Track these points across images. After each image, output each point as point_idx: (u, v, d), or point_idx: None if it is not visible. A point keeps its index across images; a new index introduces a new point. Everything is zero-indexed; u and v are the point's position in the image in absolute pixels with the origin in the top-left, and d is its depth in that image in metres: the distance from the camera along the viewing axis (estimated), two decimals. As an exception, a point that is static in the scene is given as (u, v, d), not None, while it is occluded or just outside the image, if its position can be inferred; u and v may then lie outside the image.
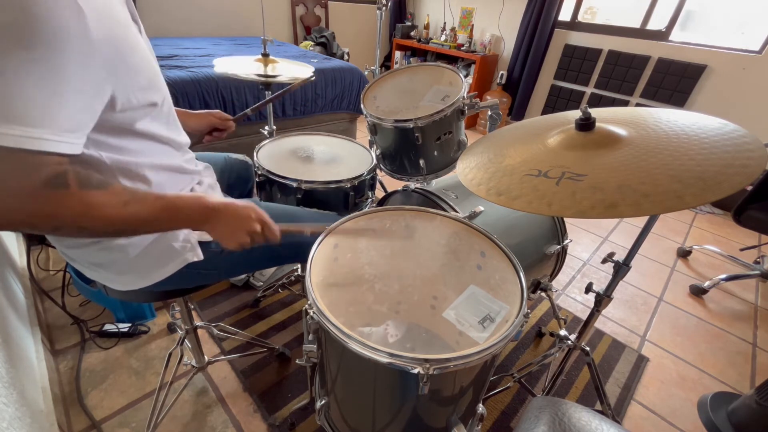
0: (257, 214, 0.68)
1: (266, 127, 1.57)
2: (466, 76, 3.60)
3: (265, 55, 1.48)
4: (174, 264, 0.73)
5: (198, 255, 0.75)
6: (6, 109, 0.44)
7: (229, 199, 0.67)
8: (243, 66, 1.43)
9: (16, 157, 0.45)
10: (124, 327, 1.31)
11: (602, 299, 0.99)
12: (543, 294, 1.27)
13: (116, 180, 0.62)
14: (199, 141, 0.98)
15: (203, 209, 0.63)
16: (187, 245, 0.73)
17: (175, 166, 0.73)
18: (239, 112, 1.14)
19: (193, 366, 1.15)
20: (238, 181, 1.09)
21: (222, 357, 1.27)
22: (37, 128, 0.45)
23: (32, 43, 0.44)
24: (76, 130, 0.50)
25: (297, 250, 0.88)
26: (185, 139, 0.78)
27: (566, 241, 1.20)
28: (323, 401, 0.76)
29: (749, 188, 1.56)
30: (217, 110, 1.03)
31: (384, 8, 1.94)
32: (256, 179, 1.12)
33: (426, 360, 0.53)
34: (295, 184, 1.04)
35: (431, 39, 3.93)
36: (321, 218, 0.95)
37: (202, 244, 0.76)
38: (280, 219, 0.88)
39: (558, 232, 1.20)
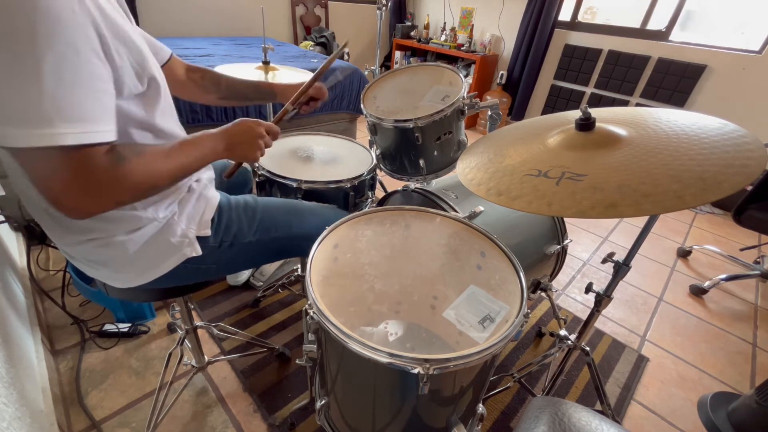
0: (254, 121, 0.76)
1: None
2: (466, 76, 3.60)
3: (266, 62, 1.48)
4: (173, 259, 0.73)
5: (196, 250, 0.75)
6: (58, 109, 0.46)
7: (228, 124, 0.74)
8: (244, 74, 1.43)
9: (81, 154, 0.49)
10: (124, 327, 1.31)
11: (602, 299, 0.99)
12: (543, 294, 1.27)
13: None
14: (297, 113, 1.02)
15: (220, 138, 0.70)
16: (185, 240, 0.73)
17: None
18: (240, 114, 1.14)
19: (193, 366, 1.15)
20: (236, 183, 1.09)
21: (222, 357, 1.27)
22: (88, 123, 0.49)
23: (53, 40, 0.45)
24: (112, 119, 0.54)
25: (296, 243, 0.88)
26: (184, 135, 0.78)
27: (566, 241, 1.20)
28: (323, 401, 0.76)
29: (749, 188, 1.56)
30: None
31: (384, 8, 1.94)
32: (256, 179, 1.12)
33: (426, 360, 0.53)
34: (295, 184, 1.04)
35: (431, 39, 3.93)
36: (324, 210, 0.95)
37: (200, 239, 0.76)
38: (282, 213, 0.89)
39: (558, 232, 1.20)
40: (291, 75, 1.49)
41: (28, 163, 0.49)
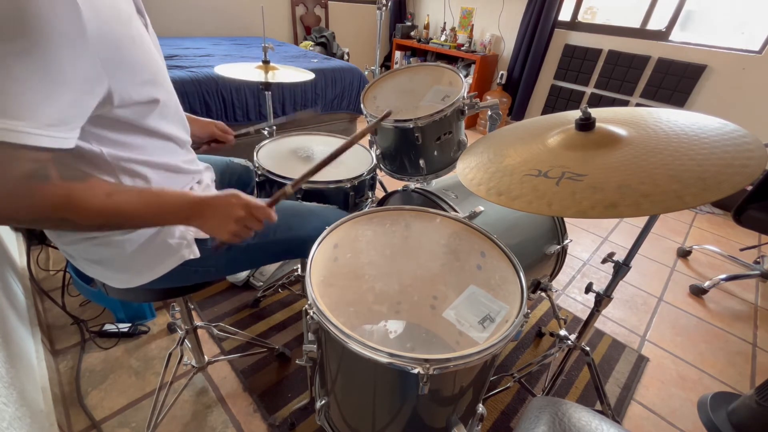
0: (239, 199, 0.65)
1: (266, 129, 1.57)
2: (466, 76, 3.60)
3: (266, 62, 1.48)
4: (171, 261, 0.73)
5: (194, 252, 0.75)
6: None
7: (214, 192, 0.66)
8: (244, 73, 1.43)
9: (5, 151, 0.45)
10: (124, 327, 1.31)
11: (602, 299, 0.99)
12: (543, 294, 1.27)
13: (116, 176, 0.62)
14: (195, 149, 0.98)
15: (188, 204, 0.62)
16: (183, 242, 0.73)
17: (175, 165, 0.72)
18: (239, 113, 1.14)
19: (193, 366, 1.15)
20: (238, 184, 1.09)
21: (222, 357, 1.27)
22: (19, 121, 0.45)
23: (17, 35, 0.43)
24: (61, 124, 0.49)
25: (295, 246, 0.88)
26: (188, 138, 0.78)
27: (566, 241, 1.20)
28: (323, 401, 0.76)
29: (749, 188, 1.56)
30: (220, 122, 1.02)
31: (384, 8, 1.94)
32: (257, 179, 1.12)
33: (426, 360, 0.53)
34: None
35: (431, 39, 3.93)
36: (324, 211, 0.95)
37: (198, 241, 0.76)
38: (282, 215, 0.88)
39: (558, 232, 1.20)
40: (291, 74, 1.49)
41: None
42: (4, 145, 0.45)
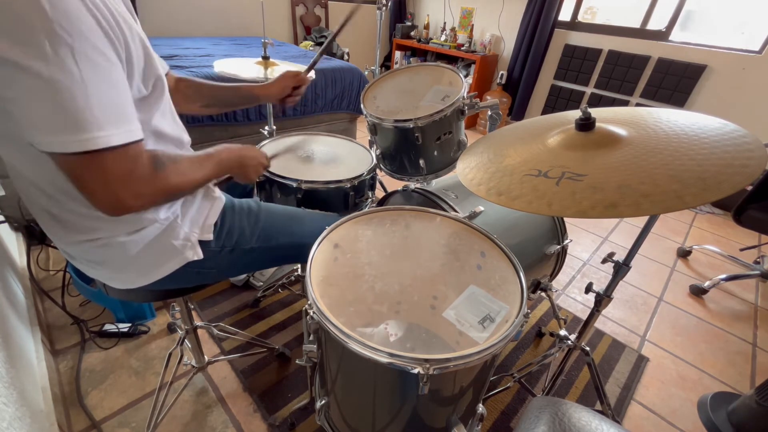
0: (258, 151, 0.85)
1: (266, 127, 1.57)
2: (466, 76, 3.60)
3: (266, 57, 1.47)
4: (174, 262, 0.73)
5: (198, 254, 0.75)
6: (106, 113, 0.49)
7: (235, 145, 0.79)
8: (244, 69, 1.43)
9: (126, 151, 0.52)
10: (124, 327, 1.31)
11: (602, 299, 0.99)
12: (543, 294, 1.27)
13: None
14: (283, 103, 1.08)
15: (234, 156, 0.77)
16: (187, 243, 0.73)
17: None
18: (239, 113, 1.14)
19: (193, 366, 1.15)
20: (238, 185, 1.09)
21: (222, 357, 1.27)
22: (131, 122, 0.53)
23: (98, 46, 0.48)
24: (136, 116, 0.55)
25: (296, 250, 0.88)
26: (187, 138, 0.78)
27: (566, 241, 1.20)
28: (323, 401, 0.76)
29: (749, 188, 1.56)
30: (286, 70, 1.09)
31: (384, 8, 1.94)
32: (256, 179, 1.12)
33: (426, 360, 0.53)
34: (295, 184, 1.04)
35: (431, 39, 3.93)
36: (322, 219, 0.95)
37: (201, 243, 0.76)
38: (281, 220, 0.89)
39: (558, 232, 1.20)
40: (290, 69, 1.49)
41: (75, 166, 0.50)
42: (130, 145, 0.52)
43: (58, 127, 0.46)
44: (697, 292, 1.81)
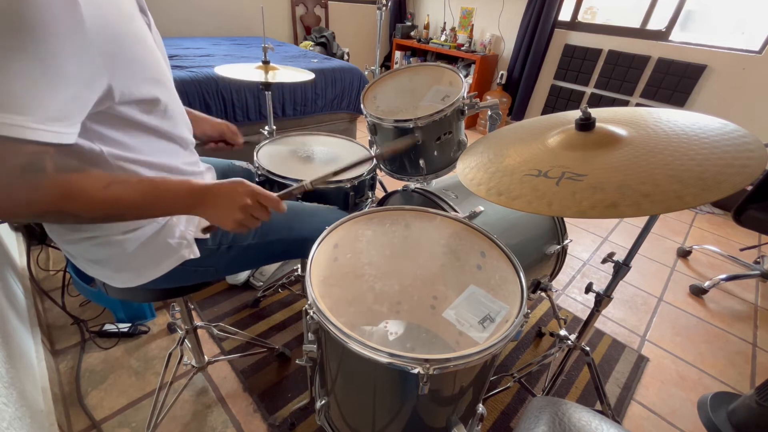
0: (244, 186, 0.64)
1: (266, 127, 1.57)
2: (466, 76, 3.60)
3: (266, 62, 1.47)
4: (170, 261, 0.73)
5: (194, 252, 0.75)
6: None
7: (221, 181, 0.65)
8: (244, 73, 1.42)
9: (5, 145, 0.45)
10: (124, 327, 1.31)
11: (602, 299, 0.99)
12: (543, 294, 1.27)
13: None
14: (202, 145, 0.98)
15: (189, 192, 0.61)
16: (183, 242, 0.73)
17: (175, 166, 0.72)
18: (239, 114, 1.14)
19: (193, 366, 1.15)
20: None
21: (222, 357, 1.27)
22: (18, 115, 0.45)
23: (16, 29, 0.43)
24: (62, 119, 0.49)
25: (295, 247, 0.88)
26: (191, 139, 0.78)
27: (566, 241, 1.20)
28: (323, 401, 0.76)
29: (749, 188, 1.56)
30: (233, 125, 1.01)
31: (384, 8, 1.94)
32: (257, 179, 1.12)
33: (426, 360, 0.53)
34: (295, 184, 1.04)
35: (431, 39, 3.93)
36: (324, 212, 0.95)
37: (198, 241, 0.76)
38: (280, 216, 0.88)
39: (558, 232, 1.20)
40: (291, 74, 1.49)
41: None
42: (3, 139, 0.45)
43: None
44: (697, 292, 1.81)
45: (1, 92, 0.44)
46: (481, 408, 0.73)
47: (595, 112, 0.78)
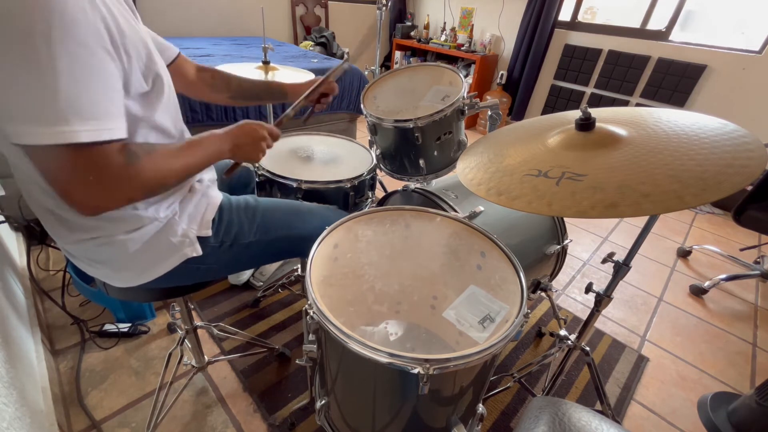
0: (256, 123, 0.78)
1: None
2: (466, 76, 3.60)
3: (266, 62, 1.47)
4: (173, 259, 0.73)
5: (197, 250, 0.75)
6: (76, 108, 0.47)
7: (232, 126, 0.75)
8: (244, 73, 1.42)
9: (100, 151, 0.51)
10: (124, 327, 1.31)
11: (602, 299, 0.99)
12: (543, 294, 1.27)
13: None
14: (311, 112, 1.07)
15: (221, 139, 0.72)
16: (185, 240, 0.73)
17: None
18: (239, 113, 1.15)
19: (193, 366, 1.15)
20: (239, 183, 1.09)
21: (222, 357, 1.27)
22: (100, 121, 0.50)
23: (65, 37, 0.45)
24: (120, 116, 0.54)
25: (296, 244, 0.88)
26: (189, 135, 0.78)
27: (566, 241, 1.20)
28: (323, 401, 0.76)
29: (749, 188, 1.56)
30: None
31: (384, 8, 1.94)
32: (257, 179, 1.12)
33: (426, 360, 0.53)
34: (295, 184, 1.04)
35: (431, 39, 3.93)
36: (324, 211, 0.95)
37: (200, 239, 0.76)
38: (283, 214, 0.89)
39: (558, 232, 1.20)
40: (291, 75, 1.49)
41: (43, 160, 0.50)
42: (99, 144, 0.50)
43: (26, 116, 0.46)
44: (697, 292, 1.81)
45: (82, 102, 0.48)
46: (481, 408, 0.73)
47: (595, 112, 0.78)
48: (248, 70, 1.46)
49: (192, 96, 0.95)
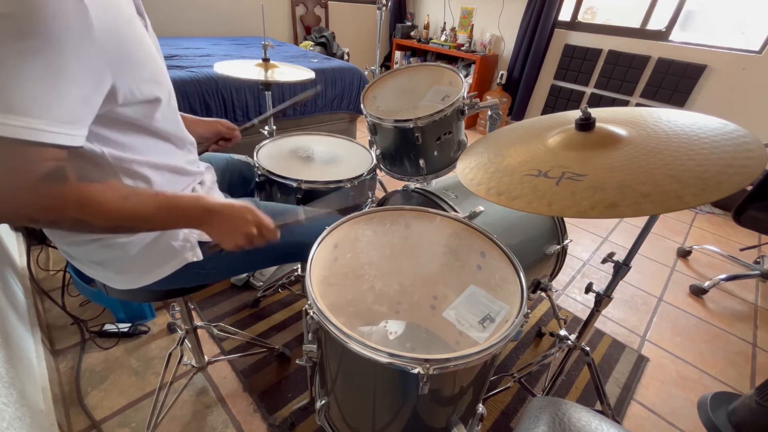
0: (253, 215, 0.67)
1: (266, 127, 1.57)
2: (466, 76, 3.60)
3: (266, 60, 1.47)
4: (173, 263, 0.73)
5: (197, 255, 0.75)
6: (3, 100, 0.44)
7: (228, 200, 0.67)
8: (243, 70, 1.43)
9: (15, 149, 0.45)
10: (124, 327, 1.31)
11: (602, 299, 0.99)
12: (543, 294, 1.27)
13: (117, 178, 0.62)
14: (204, 150, 1.00)
15: (201, 210, 0.63)
16: (186, 245, 0.73)
17: (177, 166, 0.72)
18: (239, 113, 1.14)
19: (193, 366, 1.15)
20: (239, 181, 1.09)
21: (222, 357, 1.27)
22: (35, 119, 0.45)
23: (29, 33, 0.43)
24: (74, 122, 0.49)
25: (297, 249, 0.88)
26: (190, 138, 0.78)
27: (566, 241, 1.20)
28: (323, 401, 0.76)
29: (749, 188, 1.56)
30: (225, 119, 1.02)
31: (384, 8, 1.95)
32: (257, 179, 1.12)
33: (426, 360, 0.53)
34: (295, 184, 1.05)
35: (431, 39, 3.93)
36: (322, 217, 0.95)
37: (201, 243, 0.76)
38: (283, 219, 0.89)
39: (558, 232, 1.20)
40: (291, 72, 1.49)
41: None
42: (22, 143, 0.45)
43: None
44: (697, 292, 1.81)
45: (15, 95, 0.44)
46: (481, 408, 0.73)
47: (595, 112, 0.78)
48: (248, 68, 1.46)
49: None
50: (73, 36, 0.46)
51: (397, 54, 4.14)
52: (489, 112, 1.16)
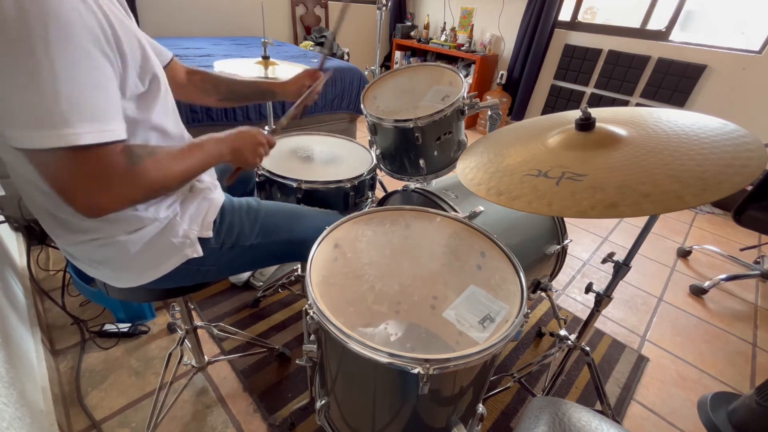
0: (257, 131, 0.79)
1: (266, 127, 1.57)
2: (466, 76, 3.60)
3: (266, 57, 1.47)
4: (173, 260, 0.73)
5: (197, 251, 0.75)
6: (78, 110, 0.48)
7: (231, 130, 0.76)
8: (243, 69, 1.43)
9: (98, 151, 0.50)
10: (124, 327, 1.31)
11: (602, 299, 0.99)
12: (543, 294, 1.27)
13: None
14: (304, 109, 1.05)
15: (221, 141, 0.72)
16: (186, 241, 0.73)
17: None
18: (239, 113, 1.15)
19: (193, 366, 1.15)
20: (239, 180, 1.09)
21: (222, 357, 1.27)
22: (101, 123, 0.50)
23: (69, 43, 0.46)
24: (120, 117, 0.54)
25: (297, 249, 0.88)
26: (188, 135, 0.78)
27: (566, 241, 1.20)
28: (323, 401, 0.76)
29: (749, 188, 1.56)
30: (308, 68, 1.09)
31: (384, 8, 1.94)
32: (257, 179, 1.12)
33: (426, 360, 0.53)
34: (295, 184, 1.04)
35: (431, 39, 3.93)
36: (323, 216, 0.95)
37: (201, 240, 0.76)
38: (284, 217, 0.89)
39: (558, 232, 1.20)
40: (290, 69, 1.49)
41: (45, 163, 0.50)
42: (101, 146, 0.50)
43: (25, 121, 0.46)
44: (697, 292, 1.81)
45: (83, 102, 0.48)
46: (481, 408, 0.73)
47: (595, 112, 0.78)
48: (248, 66, 1.46)
49: (181, 99, 0.93)
50: (95, 38, 0.49)
51: (397, 54, 4.14)
52: (489, 112, 1.16)
